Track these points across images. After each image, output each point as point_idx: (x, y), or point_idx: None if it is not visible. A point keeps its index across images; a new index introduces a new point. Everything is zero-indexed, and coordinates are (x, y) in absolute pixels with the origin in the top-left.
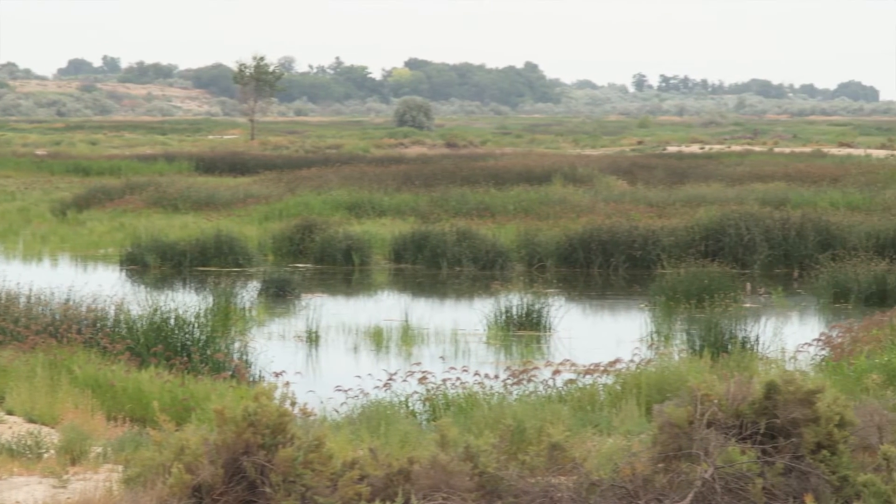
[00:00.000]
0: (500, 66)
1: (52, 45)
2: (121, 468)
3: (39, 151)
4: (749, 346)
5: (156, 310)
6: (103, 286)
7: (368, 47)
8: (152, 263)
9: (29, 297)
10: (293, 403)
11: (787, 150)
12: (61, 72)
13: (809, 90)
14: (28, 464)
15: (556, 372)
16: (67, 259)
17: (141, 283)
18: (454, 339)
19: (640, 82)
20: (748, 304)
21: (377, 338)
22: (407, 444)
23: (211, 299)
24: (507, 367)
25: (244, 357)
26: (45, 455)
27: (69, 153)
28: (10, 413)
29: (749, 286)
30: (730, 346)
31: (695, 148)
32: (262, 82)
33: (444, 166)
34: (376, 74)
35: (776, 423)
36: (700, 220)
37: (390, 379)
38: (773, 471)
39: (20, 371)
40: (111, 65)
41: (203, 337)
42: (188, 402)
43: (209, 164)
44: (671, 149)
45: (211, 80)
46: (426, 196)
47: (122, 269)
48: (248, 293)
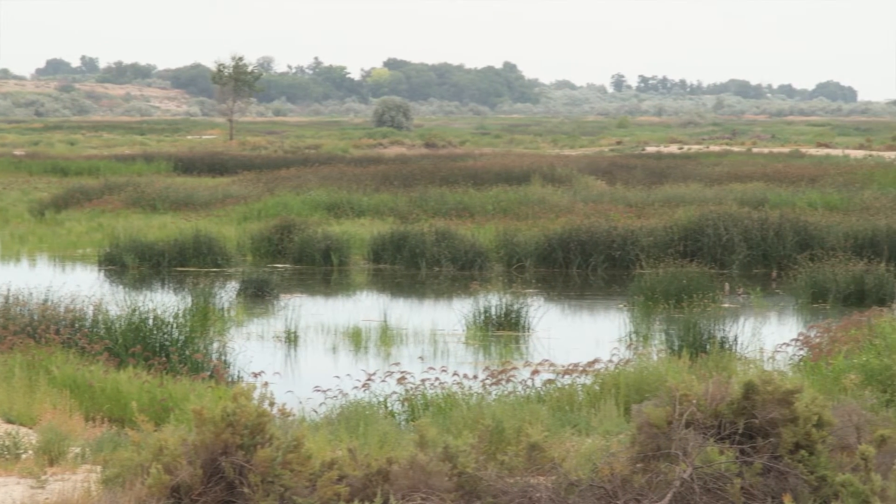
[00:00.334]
0: (479, 66)
1: (30, 45)
2: (99, 468)
3: (17, 151)
4: (727, 346)
5: (134, 310)
6: (81, 286)
7: (347, 47)
8: (131, 264)
9: (7, 298)
10: (272, 404)
11: (766, 150)
12: (39, 72)
13: (787, 90)
14: (6, 464)
15: (535, 372)
16: (45, 259)
17: (119, 284)
18: (433, 339)
19: (619, 82)
20: (727, 305)
21: (356, 338)
22: (386, 444)
23: (189, 300)
24: (486, 368)
25: (223, 357)
26: (23, 455)
27: (47, 153)
28: None
29: (727, 286)
30: (708, 347)
31: (673, 148)
32: (240, 82)
33: (422, 166)
34: (355, 74)
35: (754, 423)
36: (679, 220)
37: (369, 379)
38: (752, 471)
39: None
40: (89, 65)
41: (182, 337)
42: (167, 402)
43: (188, 165)
44: (650, 149)
45: (189, 80)
46: (405, 196)
47: (100, 270)
48: (227, 293)
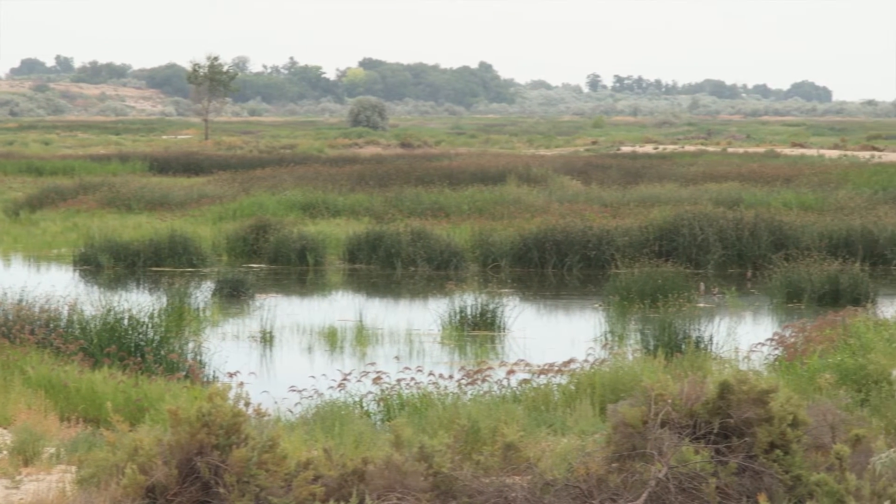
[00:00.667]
0: (455, 66)
1: (4, 44)
2: (74, 469)
3: None
4: (703, 345)
5: (109, 310)
6: (56, 286)
7: (323, 47)
8: (106, 264)
9: None
10: (247, 404)
11: (741, 150)
12: (14, 71)
13: (763, 90)
14: None
15: (511, 372)
16: (20, 259)
17: (94, 284)
18: (409, 339)
19: (595, 82)
20: (702, 304)
21: (331, 338)
22: (361, 444)
23: (165, 300)
24: (462, 368)
25: (198, 357)
26: None
27: (22, 153)
28: None
29: (703, 286)
30: (684, 346)
31: (649, 148)
32: (216, 82)
33: (398, 166)
34: (330, 74)
35: (730, 422)
36: (654, 220)
37: (345, 379)
38: (727, 470)
39: None
40: (64, 64)
41: (157, 337)
42: (142, 402)
43: (163, 165)
44: (625, 149)
45: (165, 79)
46: (380, 196)
47: (75, 270)
48: (203, 293)
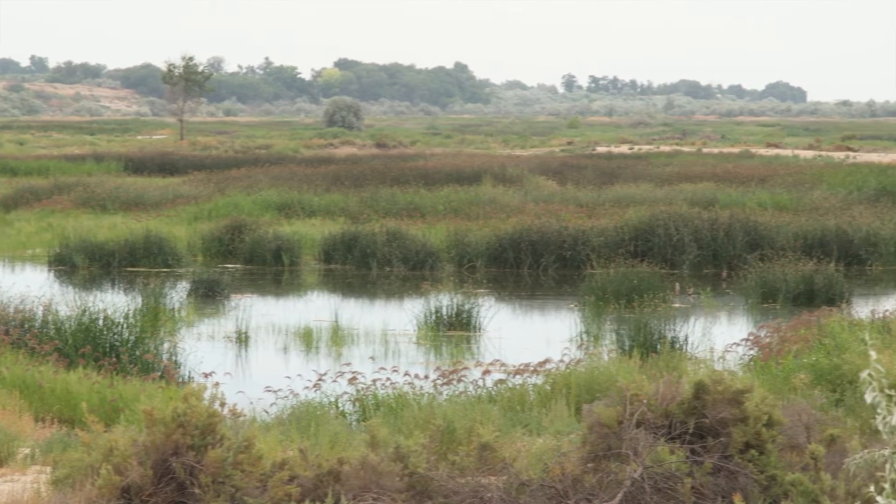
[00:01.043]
0: (430, 66)
1: None
2: (49, 469)
3: None
4: (678, 346)
5: (84, 310)
6: (31, 287)
7: (298, 47)
8: (81, 264)
9: None
10: (222, 404)
11: (716, 150)
12: None
13: (738, 91)
14: None
15: (486, 372)
16: None
17: (69, 284)
18: (384, 339)
19: (570, 83)
20: (677, 304)
21: (307, 338)
22: (337, 444)
23: (140, 300)
24: (437, 368)
25: (173, 358)
26: None
27: None
28: None
29: (678, 286)
30: (659, 346)
31: (624, 148)
32: (191, 82)
33: (373, 167)
34: (306, 75)
35: (705, 422)
36: (629, 220)
37: (320, 379)
38: (702, 470)
39: None
40: (39, 65)
41: (132, 338)
42: (117, 402)
43: (138, 165)
44: (600, 149)
45: (139, 80)
46: (356, 196)
47: (50, 270)
48: (178, 294)
